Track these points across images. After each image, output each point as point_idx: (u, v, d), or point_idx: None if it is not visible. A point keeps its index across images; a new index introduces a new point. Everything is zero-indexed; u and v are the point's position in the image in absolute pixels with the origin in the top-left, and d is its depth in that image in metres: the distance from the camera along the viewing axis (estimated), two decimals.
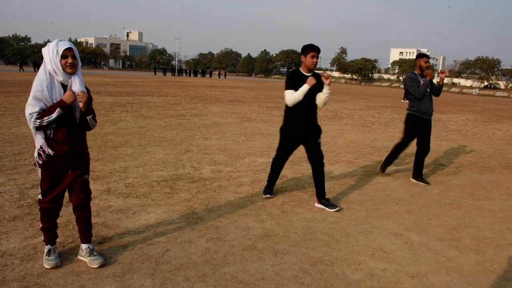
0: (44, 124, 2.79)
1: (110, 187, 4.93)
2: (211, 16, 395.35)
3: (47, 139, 2.88)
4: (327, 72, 4.58)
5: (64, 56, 2.80)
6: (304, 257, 3.40)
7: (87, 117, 2.99)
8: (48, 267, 2.97)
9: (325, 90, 4.53)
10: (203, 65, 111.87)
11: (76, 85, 2.87)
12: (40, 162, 2.91)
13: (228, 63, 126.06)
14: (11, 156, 6.07)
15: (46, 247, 3.07)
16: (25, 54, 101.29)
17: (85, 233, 3.15)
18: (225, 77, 74.33)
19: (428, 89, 5.89)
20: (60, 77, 2.83)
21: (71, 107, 2.90)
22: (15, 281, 2.78)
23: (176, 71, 75.02)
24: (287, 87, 4.54)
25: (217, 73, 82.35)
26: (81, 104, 2.88)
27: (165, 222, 3.96)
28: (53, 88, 2.83)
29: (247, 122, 11.70)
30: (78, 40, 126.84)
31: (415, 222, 4.40)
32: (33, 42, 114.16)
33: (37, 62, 59.27)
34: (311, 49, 4.47)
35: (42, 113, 2.79)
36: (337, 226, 4.13)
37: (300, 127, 4.60)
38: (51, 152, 2.89)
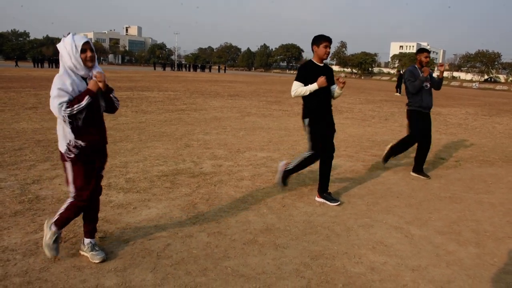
0: (75, 112, 2.77)
1: (111, 182, 4.94)
2: (211, 10, 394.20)
3: (75, 131, 2.86)
4: (342, 77, 4.58)
5: (83, 50, 2.80)
6: (305, 251, 3.41)
7: (110, 95, 3.02)
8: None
9: (338, 90, 4.58)
10: (202, 60, 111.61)
11: (95, 72, 2.91)
12: (72, 156, 2.88)
13: (227, 57, 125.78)
14: (11, 152, 6.07)
15: (55, 227, 3.01)
16: (24, 49, 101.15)
17: (91, 227, 3.16)
18: (225, 72, 74.21)
19: (428, 84, 5.88)
20: (81, 71, 2.84)
21: (98, 96, 2.92)
22: (17, 276, 2.79)
23: (176, 66, 74.90)
24: (297, 78, 4.52)
25: (217, 67, 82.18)
26: (100, 84, 2.88)
27: (166, 217, 3.97)
28: (75, 83, 2.83)
29: (247, 117, 11.69)
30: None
31: (415, 215, 4.41)
32: (32, 37, 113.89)
33: (36, 57, 59.17)
34: (324, 39, 4.46)
35: (71, 102, 2.77)
36: (338, 220, 4.14)
37: (325, 120, 4.59)
38: (82, 144, 2.88)
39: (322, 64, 4.56)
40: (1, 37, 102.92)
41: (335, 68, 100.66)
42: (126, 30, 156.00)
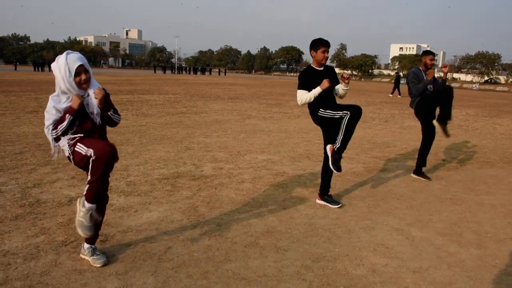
0: (59, 133, 2.81)
1: (112, 185, 4.93)
2: (211, 13, 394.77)
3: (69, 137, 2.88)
4: (346, 72, 4.54)
5: (77, 74, 2.77)
6: (306, 253, 3.41)
7: (108, 113, 2.99)
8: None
9: (344, 86, 4.53)
10: (202, 63, 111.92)
11: (92, 99, 2.89)
12: (76, 138, 2.87)
13: (228, 60, 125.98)
14: (12, 156, 6.08)
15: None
16: (25, 53, 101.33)
17: (93, 234, 3.14)
18: (225, 74, 74.28)
19: (430, 87, 5.87)
20: (75, 93, 2.83)
21: (86, 112, 2.89)
22: (18, 280, 2.79)
23: (176, 69, 75.00)
24: (300, 87, 4.48)
25: (217, 70, 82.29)
26: (97, 101, 2.86)
27: (167, 220, 3.97)
28: (66, 104, 2.83)
29: (248, 119, 11.70)
30: (78, 39, 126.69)
31: (416, 217, 4.41)
32: (32, 41, 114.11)
33: (37, 61, 59.28)
34: (322, 44, 4.43)
35: (55, 124, 2.82)
36: (339, 222, 4.14)
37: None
38: (80, 135, 2.89)
39: (321, 68, 4.55)
40: (1, 41, 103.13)
41: (335, 70, 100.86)
42: (126, 33, 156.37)
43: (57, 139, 2.84)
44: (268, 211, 4.35)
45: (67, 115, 2.80)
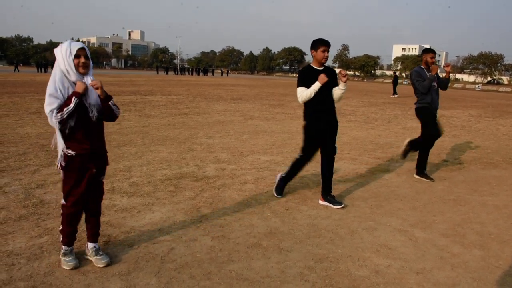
0: (65, 116, 2.79)
1: (115, 186, 4.95)
2: (212, 14, 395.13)
3: (67, 140, 2.89)
4: (343, 70, 4.56)
5: (77, 56, 2.83)
6: (309, 254, 3.40)
7: (109, 103, 3.00)
8: (68, 268, 2.98)
9: (341, 86, 4.56)
10: (205, 64, 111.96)
11: (87, 80, 2.91)
12: (64, 164, 2.91)
13: (230, 61, 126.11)
14: (16, 157, 6.10)
15: (63, 247, 3.07)
16: (28, 54, 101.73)
17: (93, 231, 3.17)
18: (227, 75, 74.33)
19: (435, 84, 5.88)
20: (73, 77, 2.84)
21: (86, 106, 2.90)
22: (22, 280, 2.80)
23: (179, 70, 75.09)
24: (299, 84, 4.53)
25: (220, 71, 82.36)
26: (98, 90, 2.90)
27: (170, 221, 3.97)
28: (66, 89, 2.85)
29: (250, 120, 11.70)
30: (81, 40, 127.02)
31: (419, 218, 4.40)
32: (35, 42, 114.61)
33: (40, 62, 59.46)
34: (322, 43, 4.47)
35: (60, 107, 2.81)
36: (342, 223, 4.13)
37: (322, 120, 4.57)
38: (72, 153, 2.90)
39: (321, 68, 4.56)
40: (5, 42, 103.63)
41: (338, 71, 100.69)
42: (129, 34, 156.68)
43: (62, 123, 2.81)
44: (271, 212, 4.35)
45: (74, 97, 2.82)
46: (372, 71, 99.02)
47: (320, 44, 4.48)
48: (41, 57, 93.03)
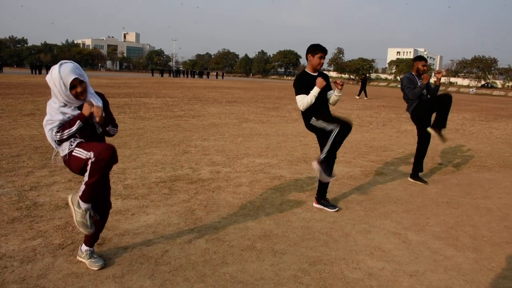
0: (65, 137, 2.78)
1: None
2: (208, 16, 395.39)
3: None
4: (340, 79, 4.55)
5: (72, 87, 2.75)
6: (303, 257, 3.41)
7: (107, 128, 3.02)
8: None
9: (337, 93, 4.54)
10: (200, 66, 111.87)
11: (92, 100, 2.88)
12: (76, 142, 2.83)
13: (225, 63, 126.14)
14: (9, 158, 6.07)
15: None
16: (22, 56, 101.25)
17: (94, 235, 3.13)
18: (222, 78, 74.34)
19: (424, 91, 5.91)
20: (74, 104, 2.82)
21: (90, 123, 2.89)
22: (14, 283, 2.79)
23: (174, 72, 74.98)
24: (298, 92, 4.48)
25: (215, 73, 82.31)
26: (97, 118, 2.86)
27: (164, 223, 3.97)
28: (69, 113, 2.82)
29: (245, 123, 11.71)
30: (75, 42, 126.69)
31: (413, 221, 4.42)
32: (30, 44, 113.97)
33: (34, 64, 59.22)
34: (320, 50, 4.46)
35: (62, 127, 2.78)
36: (336, 226, 4.15)
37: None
38: (81, 140, 2.88)
39: (316, 74, 4.58)
40: None
41: (333, 74, 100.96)
42: (124, 36, 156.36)
43: (60, 142, 2.80)
44: (265, 215, 4.35)
45: (78, 121, 2.79)
46: (367, 75, 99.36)
47: (319, 50, 4.46)
48: (35, 58, 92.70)
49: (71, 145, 2.83)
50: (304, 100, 4.44)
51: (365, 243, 3.77)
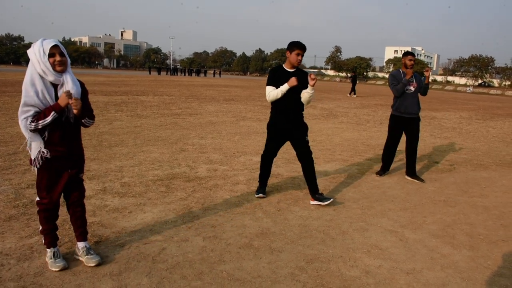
0: (40, 127, 2.74)
1: (106, 186, 4.93)
2: (205, 15, 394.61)
3: (43, 141, 2.84)
4: (313, 74, 4.56)
5: (51, 55, 2.72)
6: (300, 255, 3.42)
7: (82, 120, 2.96)
8: (57, 269, 2.95)
9: (309, 89, 4.55)
10: (198, 64, 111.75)
11: (68, 84, 2.81)
12: (38, 166, 2.87)
13: (223, 62, 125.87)
14: (5, 156, 6.05)
15: (49, 250, 3.04)
16: (19, 53, 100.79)
17: (81, 229, 3.15)
18: (220, 76, 74.23)
19: (411, 88, 5.93)
20: (50, 77, 2.75)
21: (65, 110, 2.84)
22: (11, 280, 2.78)
23: (171, 70, 74.84)
24: (268, 83, 4.59)
25: (212, 72, 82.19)
26: (75, 111, 2.81)
27: (161, 221, 3.96)
28: (44, 91, 2.75)
29: (242, 121, 11.71)
30: (72, 40, 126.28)
31: (410, 219, 4.43)
32: (26, 41, 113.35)
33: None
34: (297, 47, 4.51)
35: (37, 116, 2.73)
36: (333, 224, 4.15)
37: (282, 121, 4.64)
38: (48, 155, 2.85)
39: (292, 70, 4.60)
40: None
41: (330, 72, 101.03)
42: (121, 34, 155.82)
43: (33, 132, 2.76)
44: (263, 213, 4.36)
45: (53, 112, 2.74)
46: (365, 73, 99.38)
47: (295, 47, 4.51)
48: None
49: (39, 154, 2.85)
50: (271, 93, 4.54)
51: (362, 241, 3.78)
